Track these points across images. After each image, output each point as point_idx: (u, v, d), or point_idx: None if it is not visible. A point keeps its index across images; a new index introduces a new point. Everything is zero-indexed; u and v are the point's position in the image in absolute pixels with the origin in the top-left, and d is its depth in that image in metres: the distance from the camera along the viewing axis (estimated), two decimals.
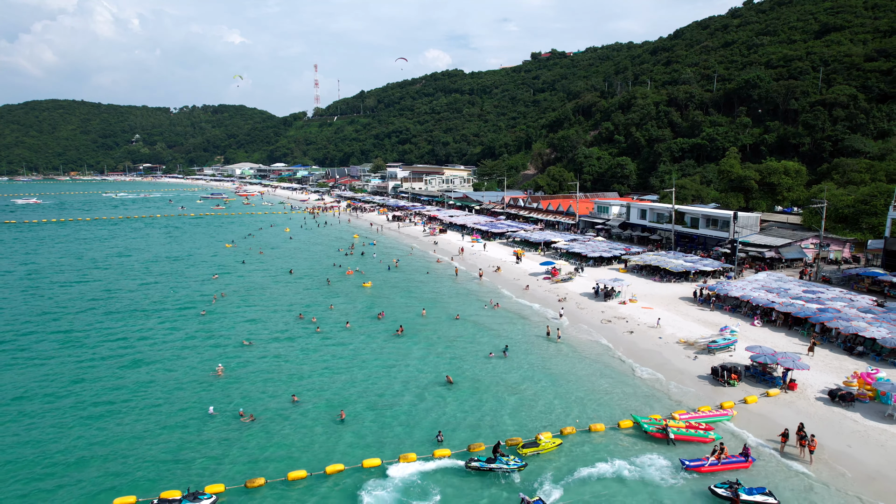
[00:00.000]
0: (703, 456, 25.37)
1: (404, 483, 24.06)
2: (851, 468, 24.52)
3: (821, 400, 30.72)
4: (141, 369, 37.07)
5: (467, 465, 25.01)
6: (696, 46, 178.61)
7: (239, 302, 54.72)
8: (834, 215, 66.64)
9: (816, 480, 23.90)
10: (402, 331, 44.49)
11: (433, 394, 33.14)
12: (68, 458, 26.17)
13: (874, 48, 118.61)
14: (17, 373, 36.54)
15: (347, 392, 33.43)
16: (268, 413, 30.60)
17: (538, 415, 30.41)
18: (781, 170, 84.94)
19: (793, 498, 22.86)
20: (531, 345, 41.77)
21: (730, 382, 33.21)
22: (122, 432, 28.60)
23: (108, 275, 68.01)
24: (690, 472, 24.55)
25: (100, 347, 41.46)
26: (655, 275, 60.45)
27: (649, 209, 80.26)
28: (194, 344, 42.20)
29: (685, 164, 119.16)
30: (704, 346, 38.67)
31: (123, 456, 26.37)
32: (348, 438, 27.93)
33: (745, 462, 24.83)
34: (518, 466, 24.87)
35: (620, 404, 31.58)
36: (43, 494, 23.55)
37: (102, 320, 48.45)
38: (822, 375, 33.77)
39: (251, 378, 35.47)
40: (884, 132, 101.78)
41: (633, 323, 45.21)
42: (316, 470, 24.87)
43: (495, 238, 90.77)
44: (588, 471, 24.83)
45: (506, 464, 24.80)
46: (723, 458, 24.83)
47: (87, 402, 32.08)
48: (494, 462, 24.83)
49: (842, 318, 39.40)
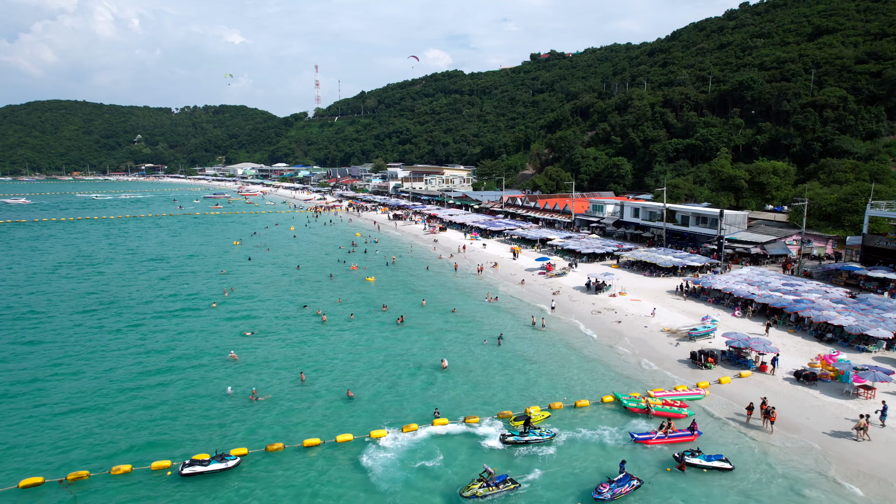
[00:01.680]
0: (652, 430, 27.97)
1: (409, 447, 27.03)
2: (807, 436, 27.35)
3: (787, 380, 33.57)
4: (164, 355, 39.93)
5: (503, 441, 27.28)
6: (692, 48, 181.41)
7: (249, 295, 57.57)
8: (817, 213, 69.47)
9: (773, 446, 26.73)
10: (402, 320, 47.44)
11: (430, 376, 35.99)
12: (110, 431, 29.07)
13: (865, 51, 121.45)
14: (55, 356, 39.50)
15: (353, 374, 36.29)
16: (282, 392, 33.45)
17: (528, 393, 33.25)
18: (770, 169, 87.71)
19: (751, 461, 25.68)
20: (523, 333, 44.60)
21: (706, 365, 36.05)
22: (153, 409, 31.44)
23: (120, 272, 70.84)
24: (639, 445, 27.03)
25: (124, 336, 44.33)
26: (646, 270, 63.29)
27: (642, 208, 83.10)
28: (209, 333, 45.05)
29: (679, 164, 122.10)
30: (686, 334, 41.52)
31: (157, 427, 29.31)
32: (356, 413, 30.81)
33: (690, 436, 27.37)
34: (549, 437, 27.34)
35: (605, 384, 34.41)
36: (98, 448, 27.11)
37: (121, 313, 51.26)
38: (792, 359, 36.61)
39: (263, 363, 38.30)
40: (872, 133, 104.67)
41: (621, 314, 48.05)
42: (328, 438, 27.74)
43: (493, 236, 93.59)
44: (568, 435, 27.87)
45: (539, 435, 27.31)
46: (669, 432, 27.39)
47: (113, 388, 34.77)
48: (528, 434, 27.28)
49: (814, 308, 42.22)
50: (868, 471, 24.39)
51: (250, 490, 23.94)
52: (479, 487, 23.03)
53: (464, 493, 23.04)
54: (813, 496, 23.04)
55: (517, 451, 26.77)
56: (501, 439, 27.53)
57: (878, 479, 23.87)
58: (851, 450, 25.95)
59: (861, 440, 26.51)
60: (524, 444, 27.10)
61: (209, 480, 24.46)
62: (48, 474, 24.72)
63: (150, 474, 24.93)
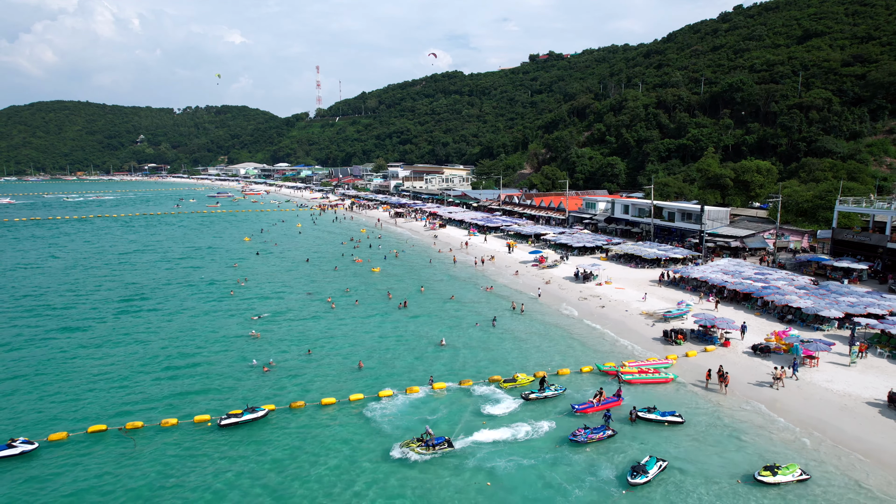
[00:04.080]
0: (588, 400, 31.70)
1: (411, 404, 31.77)
2: (755, 397, 31.79)
3: (746, 353, 38.03)
4: (196, 334, 44.69)
5: (525, 398, 32.04)
6: (686, 50, 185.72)
7: (262, 284, 62.14)
8: (795, 209, 73.87)
9: (724, 404, 31.18)
10: (405, 304, 52.17)
11: (430, 351, 40.60)
12: (157, 391, 33.73)
13: (851, 54, 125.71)
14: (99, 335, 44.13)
15: (363, 349, 40.78)
16: (299, 364, 37.94)
17: (517, 364, 37.67)
18: (754, 168, 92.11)
19: (703, 415, 30.14)
20: (514, 317, 49.09)
21: (676, 342, 40.52)
22: (193, 377, 35.96)
23: (139, 267, 75.44)
24: (579, 415, 30.13)
25: (166, 319, 49.24)
26: (632, 262, 67.73)
27: (631, 205, 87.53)
28: (230, 315, 49.68)
29: (671, 164, 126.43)
30: (661, 316, 45.95)
31: (196, 389, 34.04)
32: (365, 379, 35.32)
33: (617, 401, 31.30)
34: (561, 392, 32.63)
35: (586, 357, 38.86)
36: (147, 403, 32.03)
37: (167, 300, 56.11)
38: (754, 337, 41.04)
39: (281, 342, 42.81)
40: (855, 133, 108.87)
41: (605, 300, 52.49)
42: (342, 398, 32.24)
43: (491, 232, 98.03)
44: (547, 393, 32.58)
45: (553, 391, 32.49)
46: (602, 400, 31.21)
47: (158, 359, 39.35)
48: (545, 391, 32.34)
49: (778, 293, 46.62)
50: (784, 407, 30.50)
51: (277, 436, 28.39)
52: (417, 446, 26.15)
53: (402, 445, 26.42)
54: (748, 438, 27.60)
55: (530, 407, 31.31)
56: (524, 397, 32.28)
57: (791, 411, 29.70)
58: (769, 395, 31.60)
59: (777, 388, 32.29)
60: (542, 400, 32.00)
61: (243, 430, 28.93)
62: (111, 424, 29.29)
63: (193, 426, 29.42)
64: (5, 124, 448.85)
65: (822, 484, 23.78)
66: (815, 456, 25.97)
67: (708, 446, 27.06)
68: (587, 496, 23.40)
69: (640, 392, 33.04)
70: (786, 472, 23.78)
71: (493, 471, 25.09)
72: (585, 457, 26.34)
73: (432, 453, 26.04)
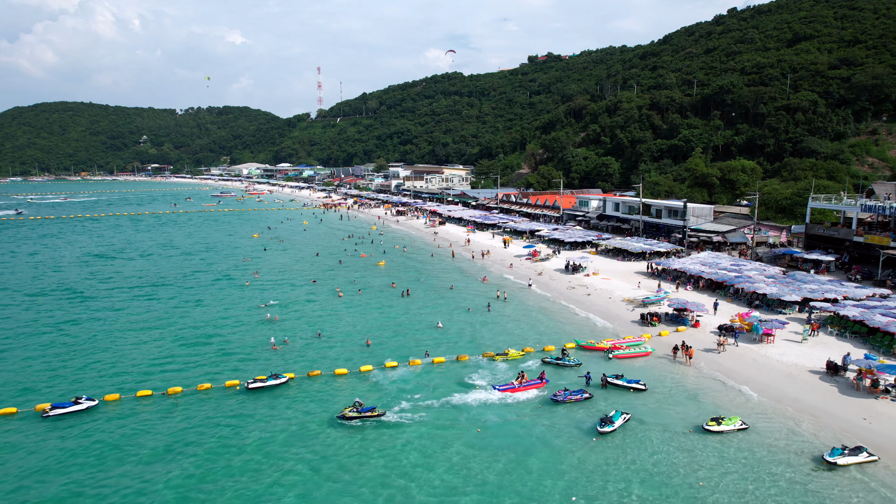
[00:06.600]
0: (511, 381, 34.18)
1: (414, 373, 36.39)
2: (716, 368, 36.31)
3: (713, 332, 42.45)
4: (222, 319, 49.35)
5: (544, 362, 37.49)
6: (681, 52, 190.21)
7: (275, 275, 66.78)
8: (774, 206, 78.37)
9: (687, 374, 35.70)
10: (408, 293, 56.75)
11: (430, 332, 45.12)
12: (192, 363, 38.28)
13: (838, 57, 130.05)
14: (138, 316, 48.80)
15: (370, 330, 45.29)
16: (314, 343, 42.46)
17: (507, 342, 42.13)
18: (739, 168, 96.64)
19: (667, 382, 34.66)
20: (506, 303, 53.64)
21: (651, 324, 45.06)
22: (221, 354, 40.49)
23: (156, 262, 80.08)
24: (503, 393, 32.79)
25: (195, 306, 53.95)
26: (619, 255, 72.23)
27: (622, 202, 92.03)
28: (247, 300, 54.27)
29: (663, 164, 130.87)
30: (641, 302, 50.46)
31: (225, 360, 38.64)
32: (373, 354, 39.83)
33: (540, 383, 33.98)
34: (576, 363, 37.36)
35: (571, 336, 43.35)
36: (185, 371, 36.83)
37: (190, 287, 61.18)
38: (722, 319, 45.47)
39: (295, 324, 47.40)
40: (840, 134, 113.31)
41: (591, 289, 57.02)
42: (353, 369, 36.78)
43: (488, 229, 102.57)
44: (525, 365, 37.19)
45: (569, 361, 37.47)
46: (524, 382, 34.35)
47: (188, 342, 43.95)
48: (562, 360, 37.33)
49: (749, 282, 51.11)
50: (739, 376, 35.06)
51: (299, 397, 32.94)
52: (349, 412, 29.43)
53: (338, 415, 29.71)
54: (704, 399, 32.16)
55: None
56: (542, 361, 37.42)
57: (744, 379, 34.37)
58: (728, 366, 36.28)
59: (721, 353, 38.42)
60: (556, 366, 36.96)
61: (268, 392, 33.48)
62: (155, 389, 33.88)
63: (224, 390, 33.96)
64: (10, 125, 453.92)
65: (761, 432, 28.30)
66: (760, 411, 30.52)
67: (669, 405, 31.57)
68: (563, 443, 27.84)
69: (619, 364, 37.55)
70: (729, 423, 28.30)
71: (485, 423, 29.61)
72: (564, 413, 30.84)
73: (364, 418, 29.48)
